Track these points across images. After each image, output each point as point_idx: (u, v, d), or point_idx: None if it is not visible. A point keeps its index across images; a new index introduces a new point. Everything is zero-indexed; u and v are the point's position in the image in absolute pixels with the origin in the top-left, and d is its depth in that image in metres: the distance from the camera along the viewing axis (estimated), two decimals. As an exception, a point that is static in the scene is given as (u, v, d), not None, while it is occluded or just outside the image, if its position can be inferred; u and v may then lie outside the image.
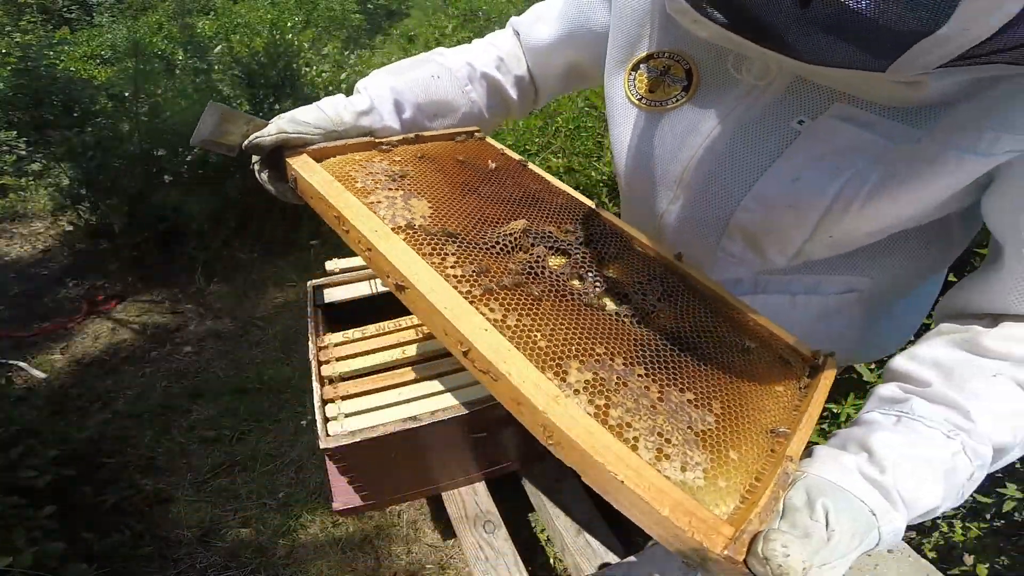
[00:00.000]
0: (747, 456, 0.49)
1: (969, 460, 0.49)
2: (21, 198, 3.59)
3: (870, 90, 0.53)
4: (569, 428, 0.44)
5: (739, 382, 0.56)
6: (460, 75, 0.83)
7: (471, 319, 0.49)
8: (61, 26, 5.34)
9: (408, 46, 5.62)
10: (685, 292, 0.65)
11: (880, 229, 0.61)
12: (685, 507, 0.42)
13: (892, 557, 1.00)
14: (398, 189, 0.64)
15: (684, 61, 0.65)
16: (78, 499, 1.68)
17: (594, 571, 1.17)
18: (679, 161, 0.66)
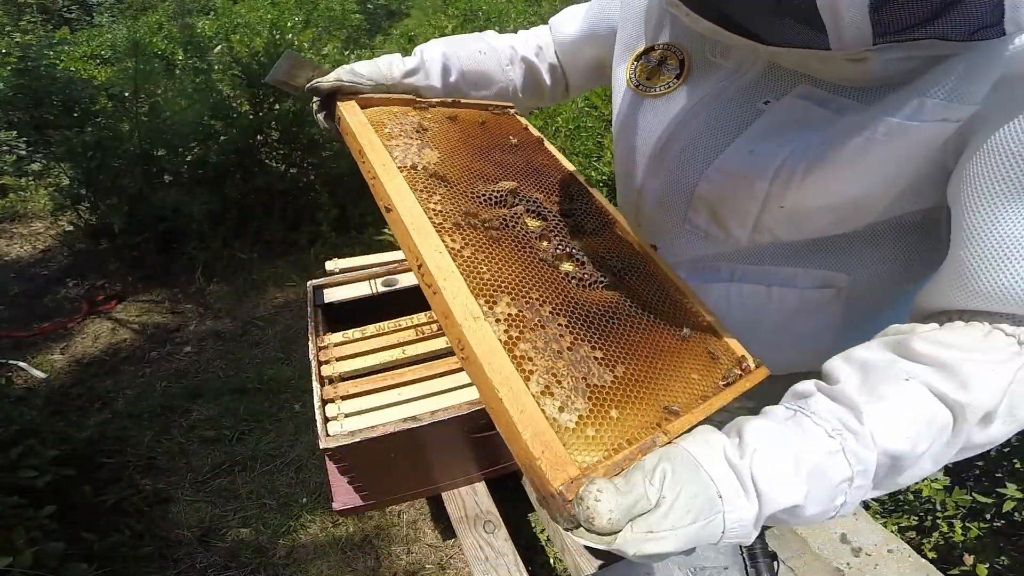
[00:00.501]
0: (628, 419, 0.51)
1: (848, 463, 0.47)
2: (21, 198, 3.59)
3: (826, 70, 0.57)
4: (477, 345, 0.49)
5: (656, 358, 0.59)
6: (503, 55, 0.93)
7: (431, 241, 0.57)
8: (61, 26, 5.34)
9: (408, 46, 5.62)
10: (643, 276, 0.69)
11: (830, 204, 0.62)
12: (544, 438, 0.45)
13: (892, 557, 1.00)
14: (417, 139, 0.73)
15: (679, 52, 0.72)
16: (78, 499, 1.68)
17: (594, 571, 1.17)
18: (657, 138, 0.72)
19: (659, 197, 0.75)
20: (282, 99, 2.87)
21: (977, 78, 0.50)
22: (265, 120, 2.93)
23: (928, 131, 0.53)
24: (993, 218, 0.49)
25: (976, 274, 0.50)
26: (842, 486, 0.47)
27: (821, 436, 0.47)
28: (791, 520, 0.49)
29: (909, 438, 0.47)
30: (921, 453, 0.48)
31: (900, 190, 0.59)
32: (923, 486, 1.44)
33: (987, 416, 0.48)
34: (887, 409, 0.47)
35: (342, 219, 3.12)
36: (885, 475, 0.49)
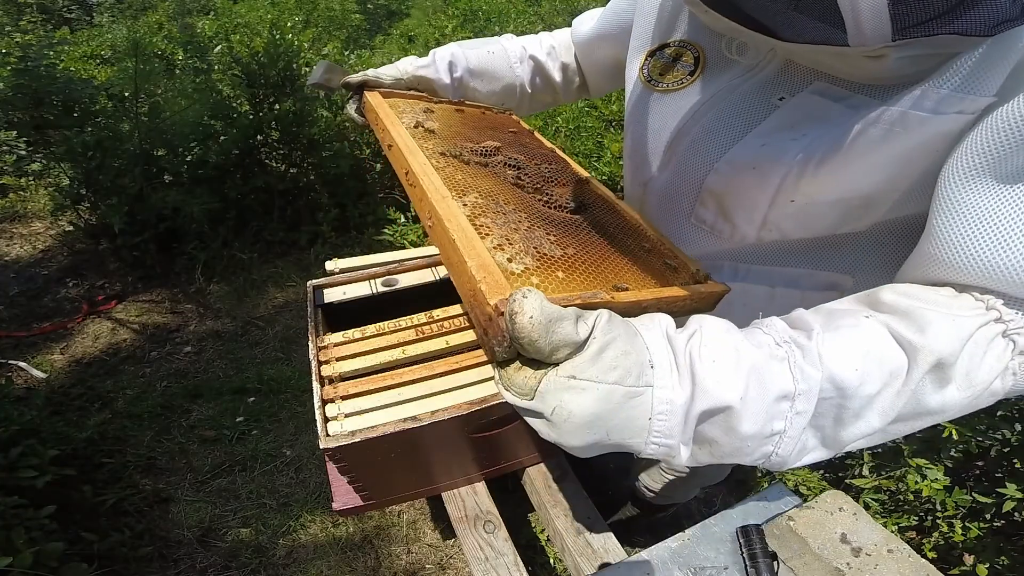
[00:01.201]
0: (574, 282, 0.53)
1: (792, 376, 0.44)
2: (21, 198, 3.59)
3: (843, 67, 0.56)
4: (442, 210, 0.56)
5: (608, 253, 0.62)
6: (513, 54, 1.01)
7: (419, 159, 0.67)
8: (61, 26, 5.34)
9: (408, 46, 5.62)
10: (608, 211, 0.74)
11: (840, 199, 0.61)
12: (488, 268, 0.48)
13: (892, 557, 1.00)
14: (424, 115, 0.87)
15: (694, 49, 0.72)
16: (78, 499, 1.68)
17: (594, 571, 1.17)
18: (669, 131, 0.72)
19: (666, 191, 0.75)
20: (282, 99, 2.88)
21: (992, 69, 0.49)
22: (265, 120, 2.93)
23: (944, 124, 0.52)
24: (962, 187, 0.50)
25: (947, 243, 0.50)
26: (783, 404, 0.44)
27: (768, 342, 0.46)
28: (725, 438, 0.45)
29: (858, 370, 0.44)
30: (869, 396, 0.45)
31: (909, 186, 0.59)
32: (923, 486, 1.44)
33: (940, 367, 0.45)
34: (840, 337, 0.46)
35: (342, 219, 3.12)
36: (831, 420, 0.46)
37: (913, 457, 1.50)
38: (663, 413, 0.41)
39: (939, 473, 1.45)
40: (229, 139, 2.84)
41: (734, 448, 0.45)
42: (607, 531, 1.28)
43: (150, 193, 2.69)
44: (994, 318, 0.47)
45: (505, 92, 1.01)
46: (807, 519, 1.07)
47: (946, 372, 0.46)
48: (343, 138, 3.09)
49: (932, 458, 1.49)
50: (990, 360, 0.46)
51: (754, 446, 0.45)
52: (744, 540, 1.02)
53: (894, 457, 1.56)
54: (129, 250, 2.81)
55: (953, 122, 0.52)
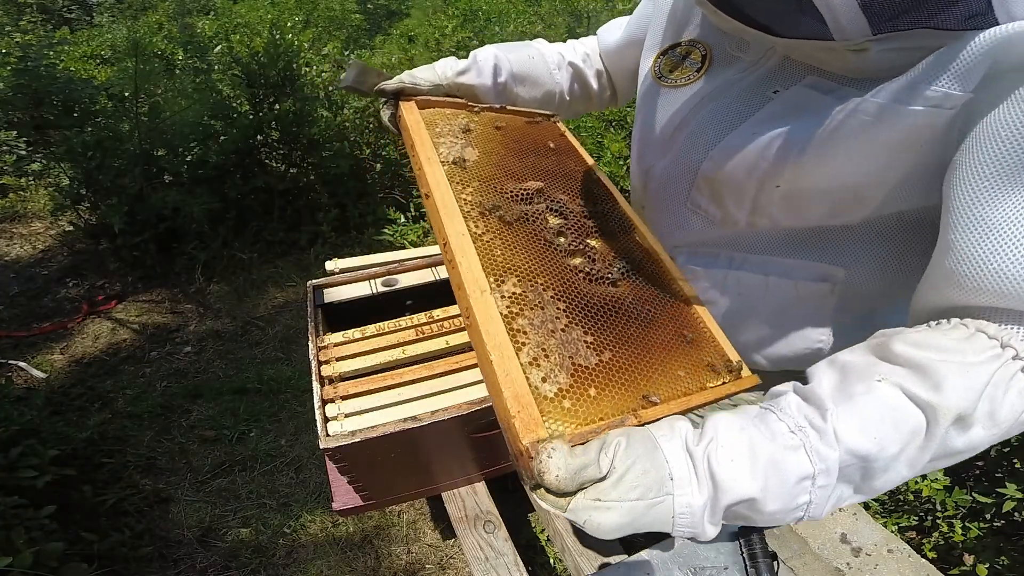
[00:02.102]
0: (605, 399, 0.55)
1: (810, 460, 0.46)
2: (21, 198, 3.59)
3: (832, 61, 0.60)
4: (479, 313, 0.56)
5: (645, 352, 0.62)
6: (551, 60, 0.99)
7: (456, 224, 0.65)
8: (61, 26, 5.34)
9: (408, 46, 5.62)
10: (652, 279, 0.72)
11: (825, 188, 0.63)
12: (523, 400, 0.50)
13: (892, 557, 1.00)
14: (462, 139, 0.81)
15: (702, 48, 0.76)
16: (78, 499, 1.68)
17: (594, 571, 1.17)
18: (672, 123, 0.77)
19: (665, 177, 0.79)
20: (282, 99, 2.88)
21: (968, 66, 0.51)
22: (265, 120, 2.93)
23: (922, 117, 0.54)
24: (979, 200, 0.49)
25: (970, 259, 0.49)
26: (804, 484, 0.47)
27: (782, 432, 0.48)
28: (754, 516, 0.48)
29: (876, 439, 0.46)
30: (892, 456, 0.46)
31: (897, 181, 0.60)
32: (923, 486, 1.44)
33: (962, 419, 0.46)
34: (854, 408, 0.47)
35: (342, 219, 3.12)
36: (860, 478, 0.48)
37: (913, 457, 1.50)
38: (684, 514, 0.46)
39: (939, 473, 1.45)
40: (229, 139, 2.84)
41: (764, 521, 0.49)
42: (607, 531, 1.28)
43: (150, 193, 2.69)
44: (1011, 356, 0.47)
45: (545, 98, 0.99)
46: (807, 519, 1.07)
47: (967, 420, 0.46)
48: (343, 138, 3.09)
49: (932, 458, 1.49)
50: (1012, 398, 0.46)
51: (783, 517, 0.48)
52: (744, 540, 1.02)
53: (894, 457, 1.56)
54: (129, 250, 2.81)
55: (932, 116, 0.53)
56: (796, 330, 0.77)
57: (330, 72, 3.16)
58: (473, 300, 0.58)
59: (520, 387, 0.52)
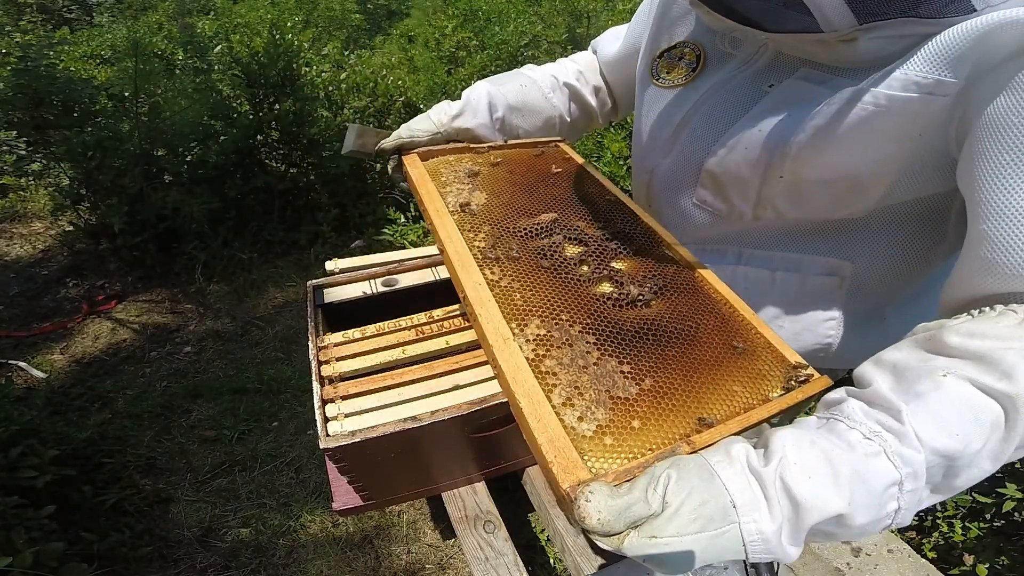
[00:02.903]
0: (651, 429, 0.51)
1: (893, 465, 0.44)
2: (21, 198, 3.59)
3: (823, 53, 0.61)
4: (504, 363, 0.54)
5: (692, 372, 0.58)
6: (544, 85, 0.98)
7: (473, 276, 0.64)
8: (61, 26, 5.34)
9: (408, 46, 5.62)
10: (687, 292, 0.68)
11: (825, 179, 0.64)
12: (558, 444, 0.48)
13: (892, 557, 1.00)
14: (469, 183, 0.81)
15: (696, 48, 0.78)
16: (78, 499, 1.68)
17: (594, 571, 1.17)
18: (673, 122, 0.77)
19: (670, 176, 0.79)
20: (282, 99, 2.88)
21: (957, 53, 0.52)
22: (265, 120, 2.93)
23: (915, 104, 0.55)
24: (1006, 188, 0.49)
25: (1009, 247, 0.49)
26: (891, 491, 0.44)
27: (857, 439, 0.45)
28: (841, 533, 0.45)
29: (959, 435, 0.44)
30: (976, 452, 0.44)
31: (898, 170, 0.61)
32: (923, 486, 1.44)
33: None
34: (929, 407, 0.45)
35: (342, 219, 3.12)
36: (942, 478, 0.46)
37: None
38: (755, 541, 0.43)
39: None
40: (229, 139, 2.84)
41: (852, 535, 0.46)
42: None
43: (150, 193, 2.69)
44: None
45: (547, 124, 0.99)
46: (807, 519, 1.07)
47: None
48: (343, 138, 3.10)
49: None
50: None
51: (872, 528, 0.46)
52: (744, 540, 1.02)
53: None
54: (129, 250, 2.81)
55: (925, 104, 0.54)
56: (805, 325, 0.77)
57: (330, 72, 3.16)
58: (497, 351, 0.56)
59: (555, 431, 0.49)
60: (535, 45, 4.47)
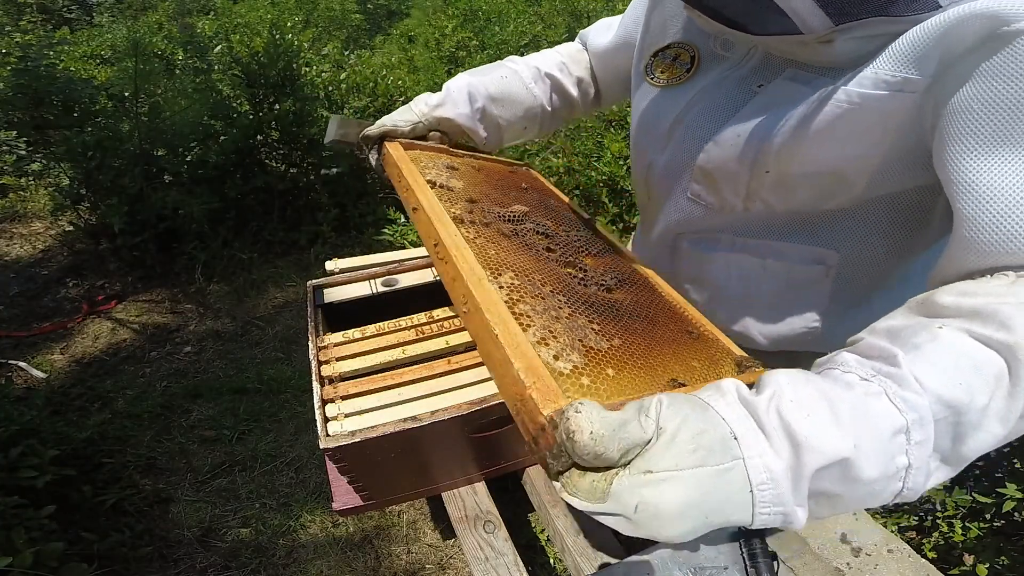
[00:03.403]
0: (626, 380, 0.49)
1: (897, 409, 0.40)
2: (21, 198, 3.59)
3: (806, 54, 0.64)
4: (480, 298, 0.53)
5: (655, 343, 0.59)
6: (525, 76, 0.99)
7: (448, 228, 0.64)
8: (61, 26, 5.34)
9: (408, 46, 5.62)
10: (645, 288, 0.72)
11: (809, 173, 0.67)
12: (538, 372, 0.44)
13: (892, 557, 1.00)
14: (447, 172, 0.83)
15: (690, 49, 0.81)
16: (78, 499, 1.68)
17: (594, 571, 1.17)
18: (668, 120, 0.80)
19: (666, 171, 0.83)
20: (282, 99, 2.88)
21: (921, 52, 0.55)
22: (265, 120, 2.93)
23: (888, 102, 0.57)
24: (974, 170, 0.51)
25: (981, 225, 0.50)
26: (899, 440, 0.40)
27: (855, 380, 0.42)
28: (848, 490, 0.41)
29: (961, 384, 0.41)
30: (983, 407, 0.41)
31: (879, 163, 0.63)
32: (923, 486, 1.44)
33: None
34: (926, 356, 0.42)
35: (342, 219, 3.12)
36: (951, 442, 0.42)
37: (913, 457, 1.50)
38: (764, 483, 0.38)
39: (939, 473, 1.46)
40: (229, 139, 2.84)
41: (860, 496, 0.42)
42: (607, 531, 1.28)
43: (150, 193, 2.69)
44: None
45: (528, 115, 0.99)
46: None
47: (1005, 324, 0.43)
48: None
49: (932, 458, 1.49)
50: None
51: (881, 487, 0.42)
52: (744, 540, 1.02)
53: (894, 457, 1.56)
54: (129, 250, 2.81)
55: (897, 100, 0.57)
56: (794, 312, 0.80)
57: (330, 72, 3.16)
58: (472, 286, 0.54)
59: (532, 360, 0.45)
60: (535, 45, 4.47)
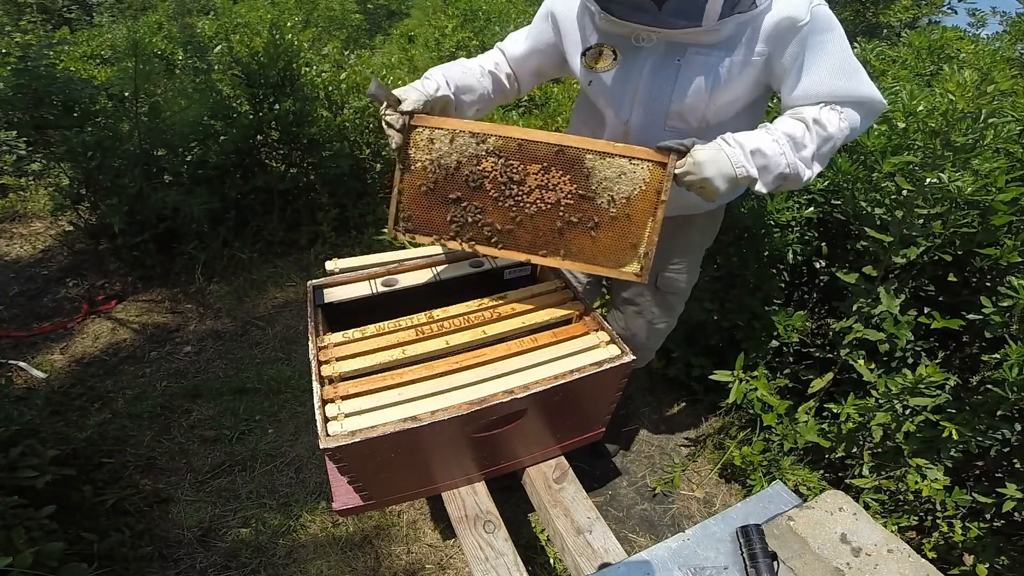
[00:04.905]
0: None
1: (775, 140, 1.10)
2: (21, 198, 3.59)
3: (701, 38, 1.11)
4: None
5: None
6: (476, 71, 1.39)
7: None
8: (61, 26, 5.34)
9: (408, 46, 5.62)
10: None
11: (731, 100, 1.19)
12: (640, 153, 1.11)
13: (892, 557, 1.00)
14: None
15: (610, 45, 1.22)
16: (78, 499, 1.68)
17: (594, 571, 1.17)
18: (629, 90, 1.23)
19: (644, 122, 1.24)
20: (282, 99, 2.87)
21: (766, 35, 1.10)
22: (265, 120, 2.93)
23: (757, 63, 1.13)
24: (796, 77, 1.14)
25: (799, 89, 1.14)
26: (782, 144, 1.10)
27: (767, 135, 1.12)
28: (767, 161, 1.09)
29: (794, 127, 1.12)
30: (802, 136, 1.11)
31: (751, 90, 1.19)
32: (923, 486, 1.44)
33: (817, 121, 1.11)
34: (784, 123, 1.14)
35: (342, 219, 3.12)
36: (792, 148, 1.10)
37: (913, 457, 1.50)
38: (735, 156, 1.07)
39: (939, 473, 1.45)
40: (229, 139, 2.84)
41: (772, 162, 1.09)
42: (607, 531, 1.28)
43: (150, 193, 2.69)
44: (827, 105, 1.14)
45: (480, 99, 1.38)
46: (807, 519, 1.07)
47: (820, 122, 1.12)
48: (343, 138, 3.09)
49: (932, 458, 1.49)
50: (831, 116, 1.12)
51: (776, 160, 1.09)
52: (744, 540, 1.02)
53: (894, 457, 1.56)
54: (129, 250, 2.81)
55: (760, 60, 1.13)
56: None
57: (330, 72, 3.16)
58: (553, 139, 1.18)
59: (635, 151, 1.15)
60: (535, 45, 4.45)
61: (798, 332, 1.85)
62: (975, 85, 1.38)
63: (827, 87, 1.11)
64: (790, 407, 1.79)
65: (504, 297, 1.38)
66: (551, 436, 1.38)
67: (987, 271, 1.66)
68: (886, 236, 1.54)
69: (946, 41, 2.28)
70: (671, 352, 2.19)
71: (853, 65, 1.12)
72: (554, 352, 1.24)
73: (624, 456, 2.02)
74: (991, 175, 1.46)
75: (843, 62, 1.11)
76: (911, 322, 1.57)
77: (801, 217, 1.83)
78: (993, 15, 3.94)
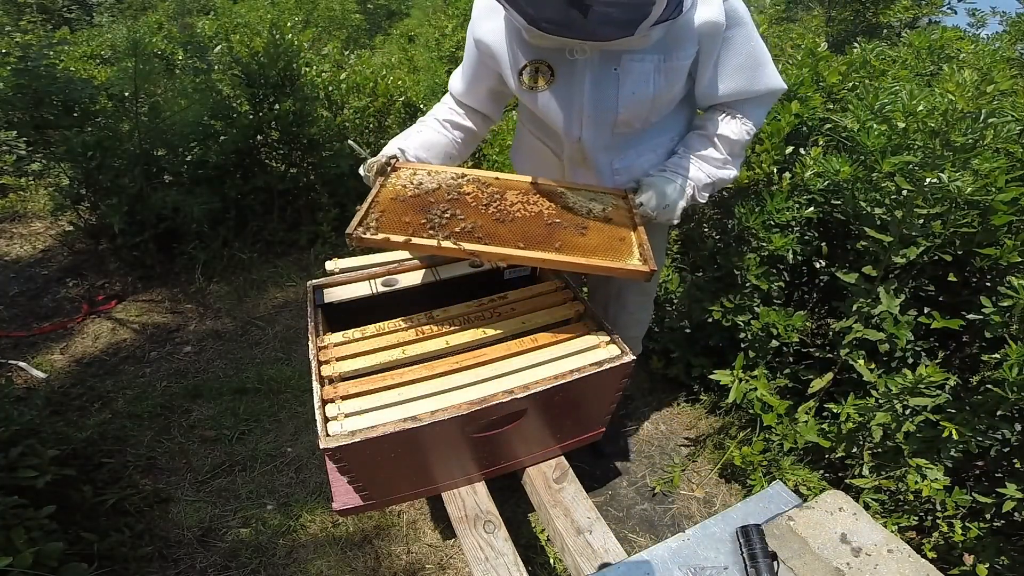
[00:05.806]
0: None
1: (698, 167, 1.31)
2: (21, 198, 3.59)
3: (634, 44, 1.12)
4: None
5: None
6: (435, 126, 1.45)
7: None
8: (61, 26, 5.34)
9: (408, 46, 5.62)
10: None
11: (671, 99, 1.25)
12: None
13: (892, 557, 1.00)
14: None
15: (544, 62, 1.21)
16: (78, 499, 1.68)
17: (594, 571, 1.17)
18: (575, 107, 1.23)
19: (594, 134, 1.27)
20: (282, 99, 2.88)
21: (690, 38, 1.15)
22: (265, 120, 2.93)
23: (684, 64, 1.18)
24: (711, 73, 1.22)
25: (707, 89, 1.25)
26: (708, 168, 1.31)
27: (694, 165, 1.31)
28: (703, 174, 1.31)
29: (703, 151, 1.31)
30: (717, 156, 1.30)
31: (684, 86, 1.24)
32: (923, 486, 1.44)
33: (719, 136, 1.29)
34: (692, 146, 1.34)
35: (342, 219, 3.12)
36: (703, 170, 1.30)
37: (913, 457, 1.50)
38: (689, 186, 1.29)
39: (939, 473, 1.45)
40: (229, 139, 2.84)
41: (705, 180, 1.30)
42: (607, 531, 1.28)
43: (150, 193, 2.69)
44: (727, 115, 1.29)
45: (446, 153, 1.44)
46: (807, 519, 1.07)
47: (722, 136, 1.28)
48: (343, 138, 3.09)
49: (932, 458, 1.49)
50: (732, 126, 1.28)
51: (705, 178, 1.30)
52: (744, 540, 1.02)
53: (894, 457, 1.56)
54: (129, 250, 2.81)
55: (684, 62, 1.18)
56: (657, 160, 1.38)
57: (330, 72, 3.16)
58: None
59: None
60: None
61: (798, 332, 1.84)
62: (975, 85, 1.37)
63: (732, 84, 1.22)
64: (790, 407, 1.79)
65: (504, 297, 1.39)
66: (551, 436, 1.38)
67: (987, 271, 1.66)
68: (886, 236, 1.53)
69: (946, 41, 2.28)
70: (671, 352, 2.19)
71: (758, 59, 1.20)
72: (554, 352, 1.24)
73: (624, 456, 2.03)
74: (991, 175, 1.46)
75: (748, 58, 1.19)
76: (911, 322, 1.57)
77: (801, 217, 1.83)
78: (993, 15, 3.93)
